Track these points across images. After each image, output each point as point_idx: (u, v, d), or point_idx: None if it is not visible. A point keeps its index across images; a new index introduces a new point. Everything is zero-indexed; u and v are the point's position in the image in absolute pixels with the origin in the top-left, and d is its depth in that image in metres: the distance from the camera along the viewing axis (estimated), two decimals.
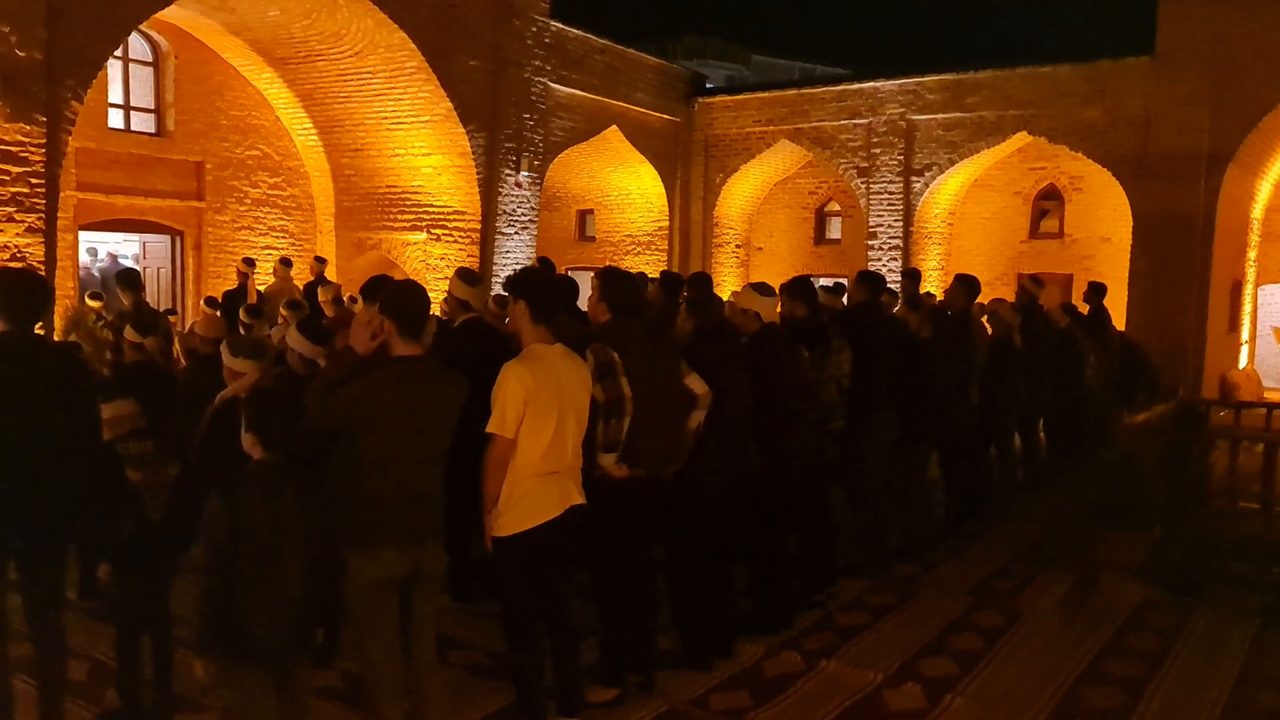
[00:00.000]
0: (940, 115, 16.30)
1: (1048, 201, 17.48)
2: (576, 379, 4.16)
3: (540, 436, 3.97)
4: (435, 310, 8.63)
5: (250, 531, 3.33)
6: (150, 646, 4.42)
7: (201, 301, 12.49)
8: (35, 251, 9.35)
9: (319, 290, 10.06)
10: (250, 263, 12.22)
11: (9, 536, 3.80)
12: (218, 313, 9.73)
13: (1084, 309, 10.85)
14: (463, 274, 6.14)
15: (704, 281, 7.56)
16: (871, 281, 7.22)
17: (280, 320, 8.34)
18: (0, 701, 3.91)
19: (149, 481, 4.20)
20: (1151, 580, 6.51)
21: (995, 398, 8.07)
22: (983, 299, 17.01)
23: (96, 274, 13.95)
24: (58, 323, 10.14)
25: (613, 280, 4.81)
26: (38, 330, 4.24)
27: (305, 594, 3.45)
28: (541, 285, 4.26)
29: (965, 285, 8.22)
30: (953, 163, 16.39)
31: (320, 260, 13.07)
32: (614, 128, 16.79)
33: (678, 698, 4.77)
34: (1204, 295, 14.35)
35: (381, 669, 3.77)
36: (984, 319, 8.90)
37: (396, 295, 3.92)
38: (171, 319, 11.80)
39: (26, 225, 9.28)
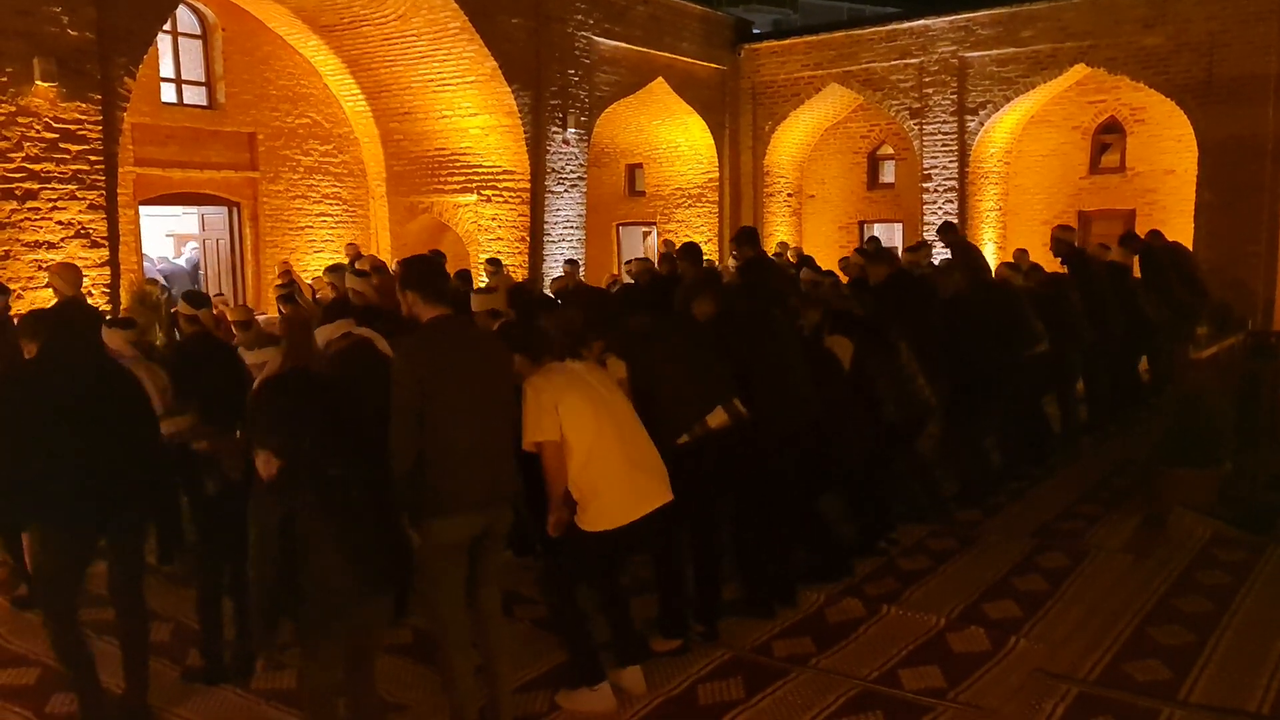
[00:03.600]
0: (994, 51, 15.86)
1: (1108, 135, 16.96)
2: (591, 375, 4.28)
3: (585, 429, 4.05)
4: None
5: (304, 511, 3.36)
6: (232, 608, 4.56)
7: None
8: (98, 227, 9.59)
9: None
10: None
11: (95, 515, 3.97)
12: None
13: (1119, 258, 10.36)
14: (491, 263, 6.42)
15: (750, 238, 7.57)
16: (883, 255, 7.36)
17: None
18: (87, 662, 4.07)
19: (217, 448, 4.32)
20: (1221, 517, 6.38)
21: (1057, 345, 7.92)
22: (1044, 237, 16.48)
23: (157, 274, 14.15)
24: (124, 297, 10.39)
25: (585, 302, 5.05)
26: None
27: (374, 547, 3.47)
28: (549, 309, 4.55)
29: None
30: (1008, 99, 15.95)
31: (352, 246, 13.25)
32: (660, 79, 16.59)
33: (741, 645, 4.82)
34: (1275, 224, 13.87)
35: (450, 624, 3.86)
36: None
37: (410, 267, 4.05)
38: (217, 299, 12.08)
39: (88, 202, 9.50)
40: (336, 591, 3.38)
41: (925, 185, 16.89)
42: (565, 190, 14.96)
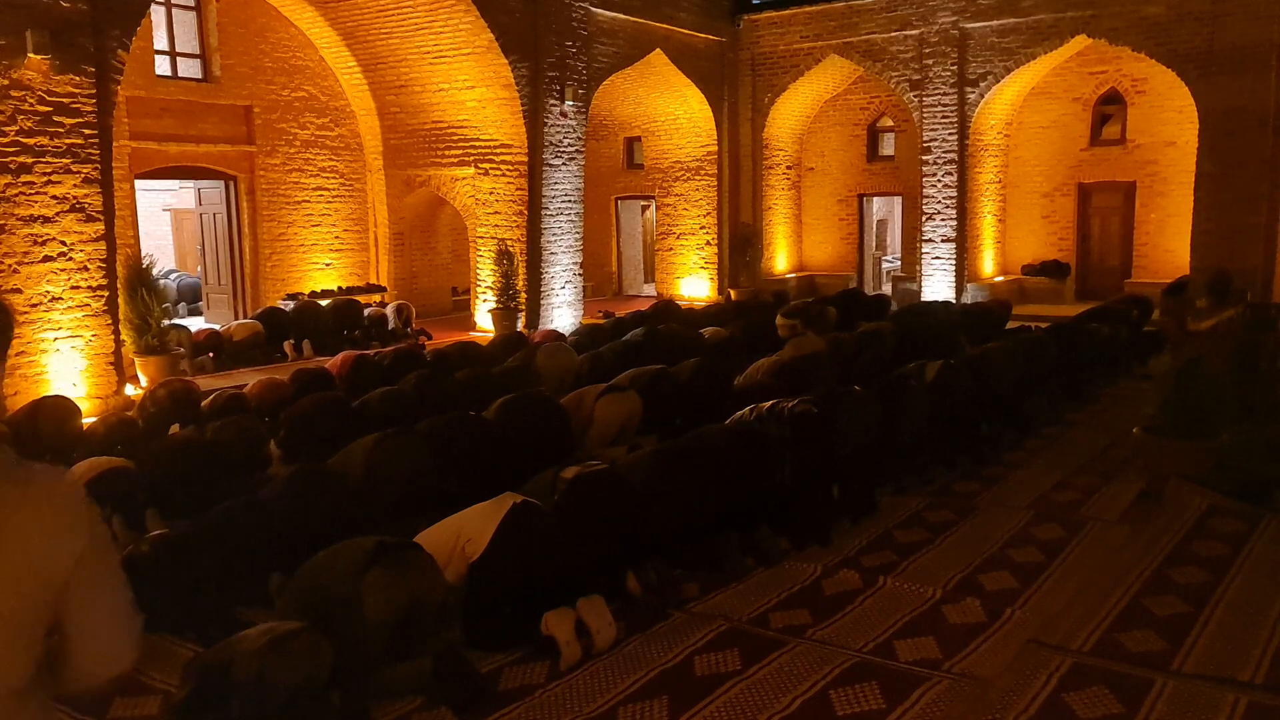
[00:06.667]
0: (994, 22, 15.74)
1: (1109, 106, 16.88)
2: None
3: None
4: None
5: None
6: None
7: None
8: (93, 202, 9.54)
9: None
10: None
11: None
12: None
13: None
14: None
15: None
16: None
17: None
18: None
19: None
20: (1218, 487, 6.38)
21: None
22: (1043, 209, 16.45)
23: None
24: (121, 271, 10.34)
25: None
26: None
27: None
28: None
29: None
30: (1008, 71, 15.85)
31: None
32: (658, 51, 16.48)
33: (738, 616, 4.83)
34: (1276, 195, 13.82)
35: None
36: None
37: None
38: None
39: (83, 176, 9.45)
40: None
41: (925, 158, 16.81)
42: (563, 163, 14.88)
